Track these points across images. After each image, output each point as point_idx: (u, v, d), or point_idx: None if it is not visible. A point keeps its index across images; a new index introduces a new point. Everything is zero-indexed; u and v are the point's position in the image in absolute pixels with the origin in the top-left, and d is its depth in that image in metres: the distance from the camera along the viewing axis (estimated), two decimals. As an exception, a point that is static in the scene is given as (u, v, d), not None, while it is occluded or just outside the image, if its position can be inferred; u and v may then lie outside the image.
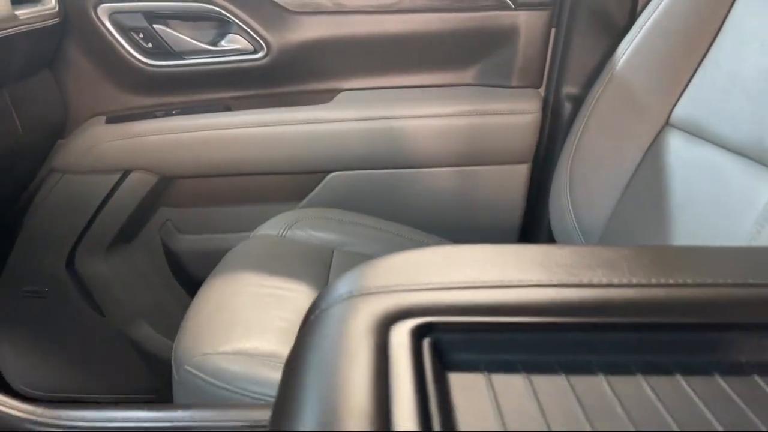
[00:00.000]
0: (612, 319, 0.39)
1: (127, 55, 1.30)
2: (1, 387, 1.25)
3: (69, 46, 1.30)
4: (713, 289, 0.42)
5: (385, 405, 0.31)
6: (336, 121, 1.33)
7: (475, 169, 1.36)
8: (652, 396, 0.35)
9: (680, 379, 0.37)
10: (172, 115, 1.34)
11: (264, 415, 0.56)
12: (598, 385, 0.36)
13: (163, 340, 1.43)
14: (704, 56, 1.02)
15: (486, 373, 0.37)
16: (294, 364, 0.38)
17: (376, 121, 1.34)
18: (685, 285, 0.43)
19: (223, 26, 1.33)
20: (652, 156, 1.05)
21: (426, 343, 0.38)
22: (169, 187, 1.38)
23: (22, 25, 1.07)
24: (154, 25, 1.30)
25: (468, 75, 1.39)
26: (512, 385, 0.36)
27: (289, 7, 1.32)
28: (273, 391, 0.69)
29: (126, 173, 1.34)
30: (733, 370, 0.37)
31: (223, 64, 1.33)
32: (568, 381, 0.36)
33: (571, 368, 0.37)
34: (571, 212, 1.18)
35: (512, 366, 0.38)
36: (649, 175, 1.05)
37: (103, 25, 1.28)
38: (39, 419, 0.55)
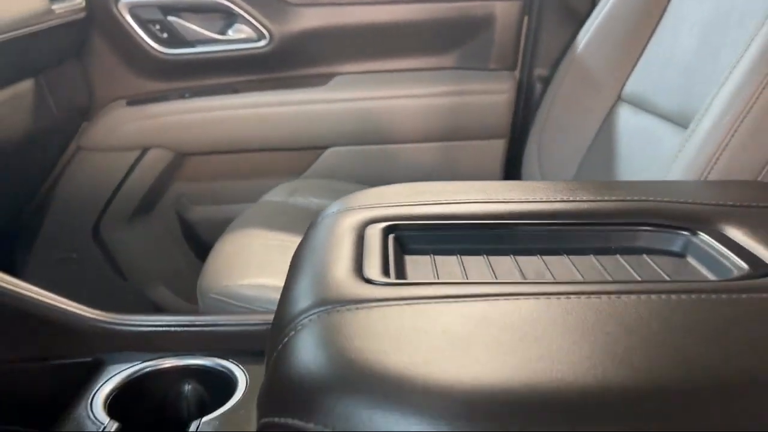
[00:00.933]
0: (522, 221, 0.56)
1: (145, 45, 1.46)
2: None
3: (94, 37, 1.46)
4: (599, 203, 0.58)
5: (359, 263, 0.48)
6: (332, 102, 1.49)
7: (456, 143, 1.52)
8: (543, 266, 0.51)
9: (565, 257, 0.53)
10: (185, 97, 1.50)
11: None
12: (507, 260, 0.52)
13: (179, 301, 1.59)
14: (649, 39, 1.18)
15: (431, 255, 0.53)
16: (298, 252, 0.54)
17: (368, 101, 1.50)
18: (579, 201, 0.59)
19: (229, 17, 1.49)
20: (606, 126, 1.21)
21: (391, 237, 0.54)
22: (183, 163, 1.54)
23: (57, 18, 1.22)
24: (169, 17, 1.45)
25: (450, 59, 1.54)
26: (448, 260, 0.52)
27: (289, 0, 1.48)
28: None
29: (145, 151, 1.50)
30: (603, 251, 0.53)
31: (230, 51, 1.49)
32: (487, 259, 0.53)
33: (491, 252, 0.53)
34: (540, 178, 1.35)
35: (450, 251, 0.54)
36: (603, 142, 1.21)
37: (124, 18, 1.44)
38: (105, 319, 0.71)
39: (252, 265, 0.99)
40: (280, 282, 0.93)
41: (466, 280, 0.47)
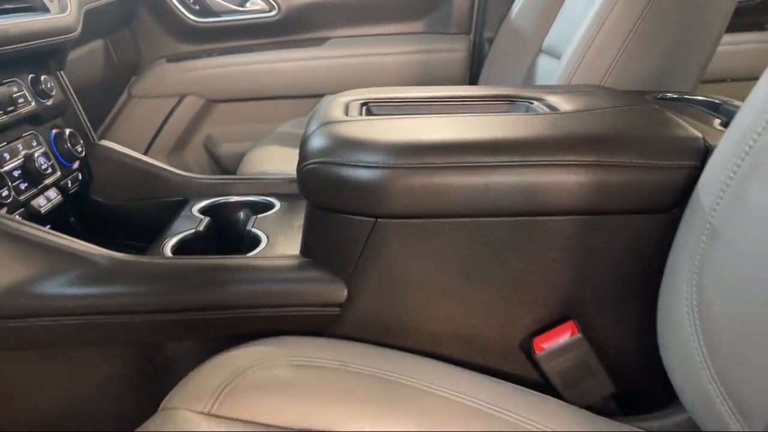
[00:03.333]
0: (444, 99, 0.98)
1: (181, 15, 1.87)
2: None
3: (140, 9, 1.87)
4: (491, 91, 1.01)
5: (345, 113, 0.90)
6: (328, 59, 1.92)
7: (425, 91, 1.94)
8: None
9: (463, 115, 0.95)
10: (213, 56, 1.92)
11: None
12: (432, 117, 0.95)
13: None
14: (562, 3, 1.60)
15: (383, 116, 0.96)
16: (309, 118, 0.97)
17: (356, 58, 1.92)
18: (479, 92, 1.01)
19: (247, -7, 1.91)
20: (530, 72, 1.64)
21: (364, 107, 0.97)
22: (211, 108, 1.96)
23: (119, -6, 1.64)
24: (200, -7, 1.87)
25: (419, 25, 1.97)
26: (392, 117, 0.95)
27: (294, -21, 1.90)
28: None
29: (182, 98, 1.92)
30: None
31: (247, 19, 1.91)
32: (420, 117, 0.95)
33: (424, 114, 0.96)
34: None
35: (401, 115, 0.96)
36: (527, 84, 1.63)
37: (164, -7, 1.86)
38: (188, 175, 1.14)
39: (273, 161, 1.42)
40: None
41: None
